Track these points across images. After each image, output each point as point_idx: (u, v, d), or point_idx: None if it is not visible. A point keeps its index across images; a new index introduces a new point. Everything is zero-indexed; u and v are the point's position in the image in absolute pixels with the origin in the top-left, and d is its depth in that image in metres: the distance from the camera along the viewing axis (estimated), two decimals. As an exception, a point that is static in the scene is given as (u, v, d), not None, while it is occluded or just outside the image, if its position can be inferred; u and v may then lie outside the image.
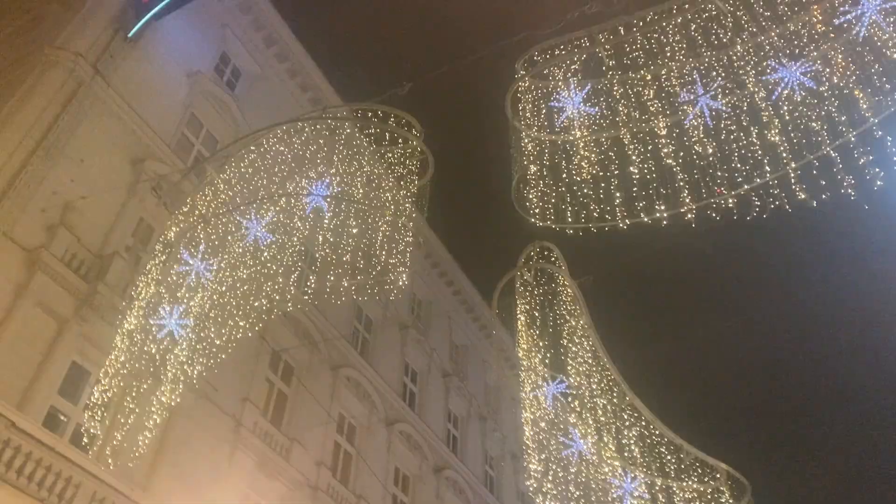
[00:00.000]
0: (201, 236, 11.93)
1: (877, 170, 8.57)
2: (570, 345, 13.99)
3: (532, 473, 12.88)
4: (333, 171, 11.85)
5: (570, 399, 14.10)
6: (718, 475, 15.46)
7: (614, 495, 13.65)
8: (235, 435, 16.29)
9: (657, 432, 14.90)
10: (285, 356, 19.06)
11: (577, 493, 13.56)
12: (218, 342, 11.43)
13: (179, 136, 18.21)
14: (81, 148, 15.36)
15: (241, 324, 11.55)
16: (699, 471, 15.24)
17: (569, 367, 13.86)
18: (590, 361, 13.92)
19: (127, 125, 16.56)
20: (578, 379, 13.69)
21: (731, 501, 15.25)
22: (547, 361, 14.12)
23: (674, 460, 14.97)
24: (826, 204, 9.04)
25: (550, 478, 13.23)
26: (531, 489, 13.08)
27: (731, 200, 9.71)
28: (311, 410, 18.95)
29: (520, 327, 14.61)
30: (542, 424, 13.67)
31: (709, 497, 15.28)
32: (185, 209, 12.75)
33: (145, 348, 11.74)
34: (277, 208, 11.71)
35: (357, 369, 21.40)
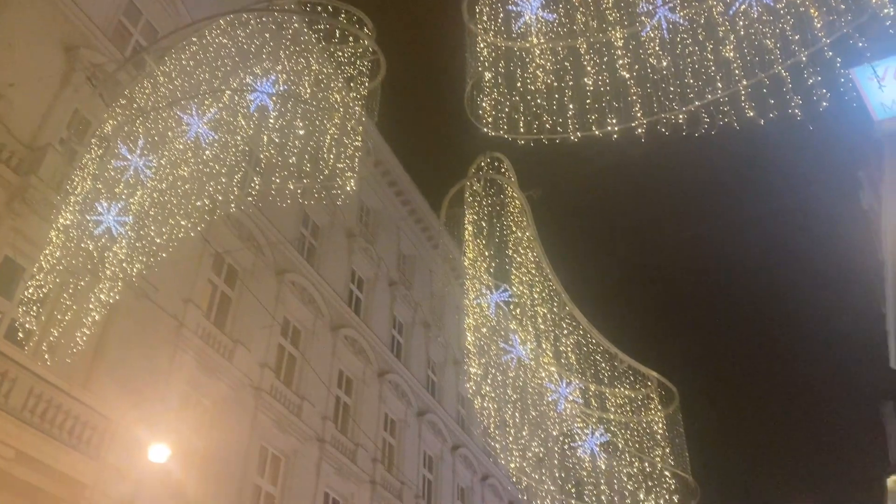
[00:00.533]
0: (140, 131, 11.46)
1: (824, 91, 8.66)
2: (515, 255, 14.16)
3: (472, 377, 13.26)
4: (280, 68, 11.38)
5: (511, 307, 14.39)
6: (649, 383, 16.16)
7: (550, 399, 14.17)
8: (177, 335, 16.23)
9: (593, 341, 15.40)
10: (229, 259, 18.85)
11: (514, 396, 14.04)
12: (158, 241, 11.18)
13: (116, 23, 17.18)
14: (9, 32, 14.38)
15: (182, 223, 11.29)
16: (631, 378, 15.89)
17: (512, 277, 14.08)
18: (533, 272, 14.15)
19: (59, 9, 15.51)
20: (521, 288, 13.94)
21: (659, 407, 16.02)
22: (491, 271, 14.31)
23: (608, 368, 15.55)
24: (773, 123, 9.14)
25: (489, 381, 13.65)
26: (470, 392, 13.50)
27: (681, 116, 9.73)
28: (255, 313, 18.94)
29: (467, 237, 14.70)
30: (484, 331, 13.98)
31: (639, 403, 16.00)
32: (123, 102, 12.17)
33: (82, 245, 11.43)
34: (220, 105, 11.26)
35: (303, 275, 21.35)
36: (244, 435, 17.48)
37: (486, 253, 14.28)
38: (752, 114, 9.06)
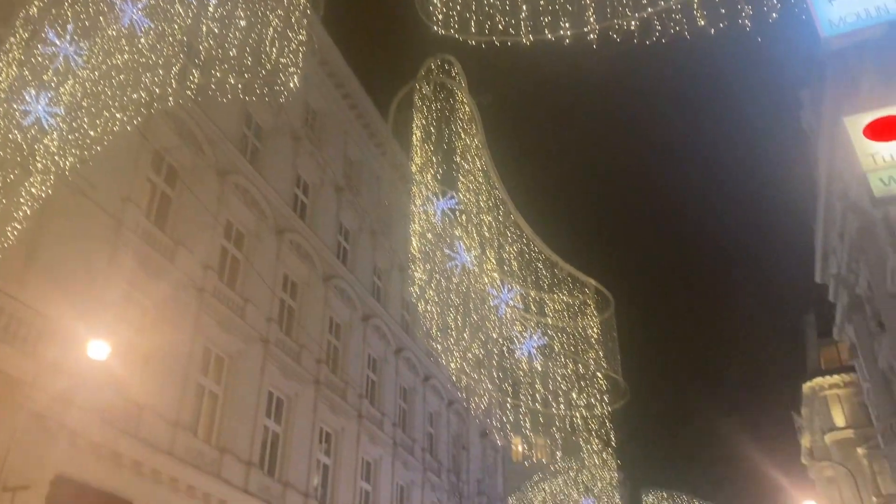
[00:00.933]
0: (69, 14, 10.77)
1: (774, 1, 8.66)
2: (463, 162, 14.14)
3: (416, 281, 13.43)
4: (220, -48, 10.74)
5: (457, 215, 14.49)
6: (587, 290, 16.67)
7: (491, 304, 14.52)
8: (116, 235, 15.85)
9: (536, 249, 15.69)
10: (168, 157, 18.28)
11: (457, 301, 14.33)
12: (92, 133, 10.72)
13: None
14: None
15: (117, 116, 10.81)
16: (570, 285, 16.36)
17: (459, 185, 14.10)
18: (480, 180, 14.19)
19: None
20: (467, 196, 14.00)
21: (595, 313, 16.60)
22: (439, 177, 14.29)
23: (548, 275, 15.94)
24: (722, 34, 9.14)
25: (433, 286, 13.87)
26: (414, 296, 13.71)
27: (634, 23, 9.63)
28: (197, 215, 18.59)
29: (415, 142, 14.55)
30: (430, 237, 14.08)
31: (576, 309, 16.54)
32: (50, -18, 11.36)
33: (10, 136, 10.89)
34: (156, -10, 10.62)
35: (246, 177, 20.91)
36: (187, 335, 17.47)
37: (434, 159, 14.21)
38: (703, 23, 9.04)
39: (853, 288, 32.63)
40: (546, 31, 10.28)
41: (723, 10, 8.93)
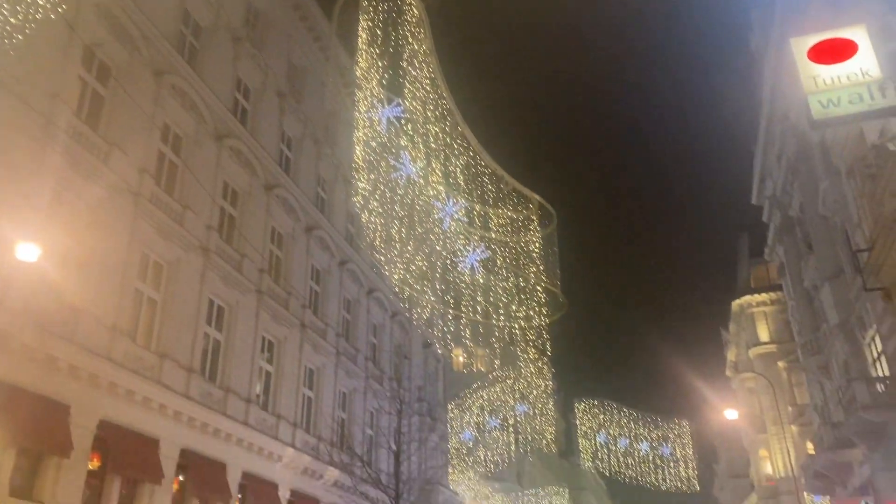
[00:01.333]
0: None
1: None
2: (410, 69, 13.78)
3: (360, 191, 13.29)
4: None
5: (403, 124, 14.23)
6: (531, 205, 16.83)
7: (436, 216, 14.53)
8: (45, 133, 15.08)
9: (482, 163, 15.66)
10: (100, 53, 17.29)
11: (402, 212, 14.28)
12: (13, 20, 10.01)
13: None
14: None
15: (40, 2, 10.09)
16: (514, 200, 16.47)
17: (406, 92, 13.78)
18: (427, 89, 13.89)
19: None
20: (414, 105, 13.72)
21: (538, 228, 16.83)
22: (384, 83, 13.92)
23: (493, 189, 15.99)
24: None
25: (377, 197, 13.75)
26: (358, 206, 13.58)
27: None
28: (132, 116, 17.81)
29: (360, 46, 14.08)
30: (374, 146, 13.84)
31: (520, 224, 16.72)
32: None
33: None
34: None
35: (183, 77, 20.01)
36: (124, 240, 17.04)
37: (380, 64, 13.80)
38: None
39: (786, 210, 33.76)
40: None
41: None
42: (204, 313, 19.82)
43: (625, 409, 41.54)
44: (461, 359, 52.87)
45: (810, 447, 36.25)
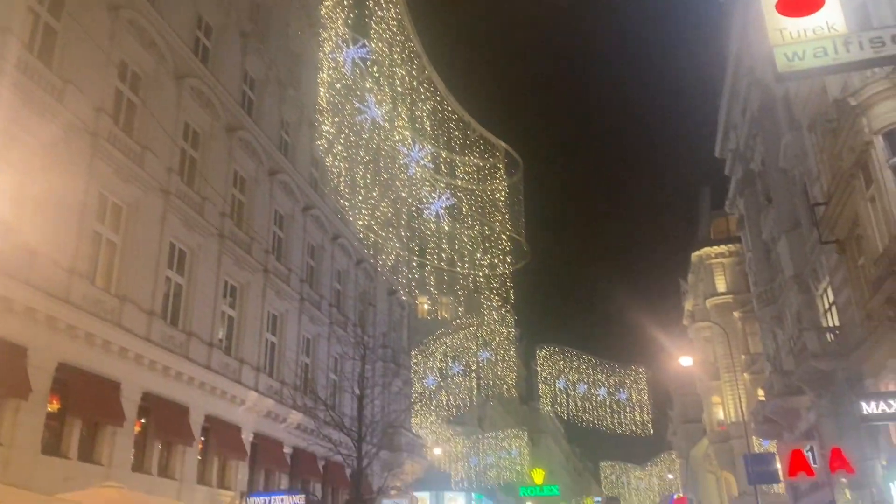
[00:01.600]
0: None
1: None
2: (377, 9, 13.45)
3: (324, 134, 13.06)
4: None
5: (369, 65, 13.95)
6: (497, 153, 16.76)
7: (401, 162, 14.40)
8: (-6, 68, 14.46)
9: (449, 108, 15.48)
10: (52, -16, 16.52)
11: (367, 157, 14.11)
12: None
13: None
14: None
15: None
16: (481, 147, 16.37)
17: (372, 33, 13.47)
18: (394, 29, 13.59)
19: None
20: (380, 45, 13.44)
21: (504, 177, 16.81)
22: (350, 23, 13.58)
23: (460, 136, 15.85)
24: None
25: (342, 140, 13.55)
26: (322, 149, 13.37)
27: None
28: (88, 53, 17.15)
29: (326, -16, 13.68)
30: (339, 87, 13.57)
31: (486, 172, 16.67)
32: None
33: None
34: None
35: (140, 12, 19.25)
36: (81, 181, 16.60)
37: (346, 3, 13.44)
38: None
39: (748, 163, 34.23)
40: None
41: None
42: (165, 256, 19.57)
43: (584, 356, 42.49)
44: (426, 307, 53.28)
45: (761, 394, 37.60)
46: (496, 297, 19.88)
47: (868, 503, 22.66)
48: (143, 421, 18.16)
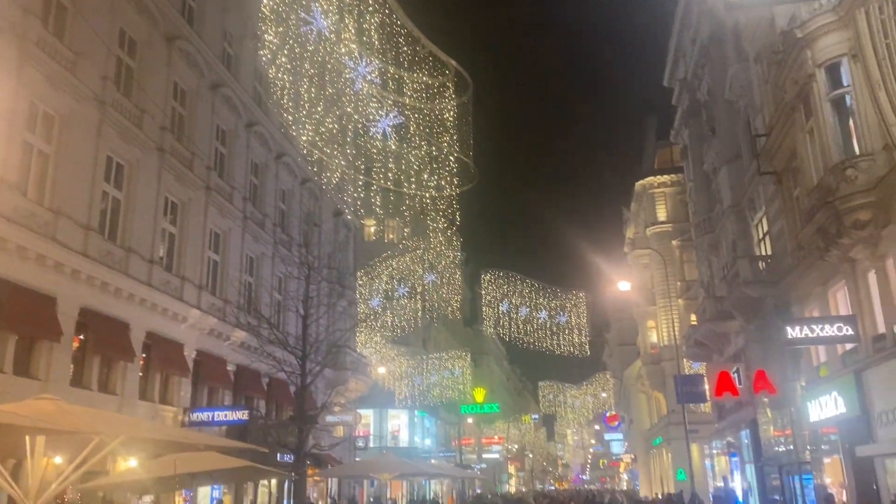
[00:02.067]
0: None
1: None
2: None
3: (268, 45, 12.59)
4: None
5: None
6: (447, 71, 16.45)
7: (348, 77, 14.03)
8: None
9: (398, 22, 15.04)
10: None
11: (312, 70, 13.69)
12: None
13: None
14: None
15: None
16: (430, 65, 16.03)
17: (319, -61, 12.88)
18: (343, -63, 13.02)
19: None
20: (328, -47, 12.88)
21: (453, 96, 16.58)
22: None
23: (409, 52, 15.46)
24: None
25: (286, 52, 13.09)
26: (265, 60, 12.91)
27: None
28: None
29: None
30: (284, -4, 13.03)
31: (434, 90, 16.40)
32: None
33: None
34: None
35: None
36: (9, 87, 15.72)
37: None
38: None
39: (695, 93, 34.52)
40: None
41: None
42: (101, 170, 18.89)
43: (528, 281, 43.26)
44: (372, 229, 53.15)
45: (694, 319, 39.15)
46: (442, 220, 19.92)
47: (787, 421, 24.14)
48: (81, 337, 17.91)
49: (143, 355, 20.37)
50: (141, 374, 20.27)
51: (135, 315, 19.71)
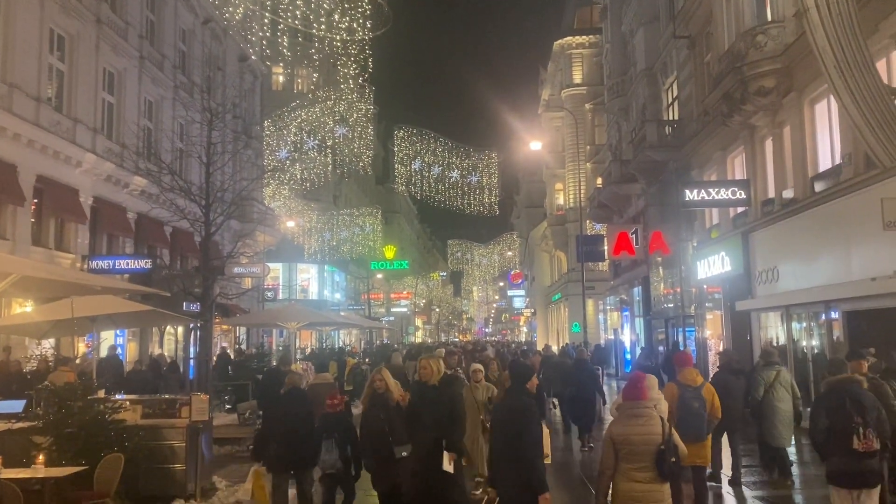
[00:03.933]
0: None
1: None
2: None
3: None
4: None
5: None
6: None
7: None
8: None
9: None
10: None
11: None
12: None
13: None
14: None
15: None
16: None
17: None
18: None
19: None
20: None
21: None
22: None
23: None
24: None
25: None
26: None
27: None
28: None
29: None
30: None
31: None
32: None
33: None
34: None
35: None
36: None
37: None
38: None
39: (619, -50, 33.59)
40: None
41: None
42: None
43: (441, 139, 42.87)
44: (280, 78, 50.70)
45: (599, 182, 40.27)
46: (354, 66, 18.99)
47: (676, 279, 25.76)
48: (-38, 177, 16.72)
49: (35, 200, 19.31)
50: (33, 219, 19.30)
51: (23, 157, 18.45)
